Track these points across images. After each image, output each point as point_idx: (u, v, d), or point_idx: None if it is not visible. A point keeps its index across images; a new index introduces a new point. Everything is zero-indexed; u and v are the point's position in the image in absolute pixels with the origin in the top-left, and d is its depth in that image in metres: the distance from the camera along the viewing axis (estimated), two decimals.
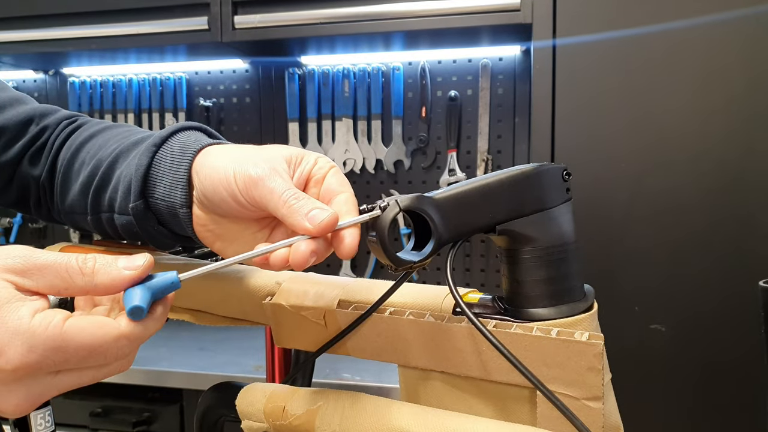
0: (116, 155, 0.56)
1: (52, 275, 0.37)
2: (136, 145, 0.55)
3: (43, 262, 0.37)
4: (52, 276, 0.37)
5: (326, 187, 0.47)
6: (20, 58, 1.94)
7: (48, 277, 0.37)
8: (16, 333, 0.35)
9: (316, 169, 0.48)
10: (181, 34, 1.65)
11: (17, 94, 0.67)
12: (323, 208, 0.43)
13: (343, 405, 0.47)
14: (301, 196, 0.44)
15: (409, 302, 0.48)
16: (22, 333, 0.35)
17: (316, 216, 0.42)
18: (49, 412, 0.64)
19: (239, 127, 2.00)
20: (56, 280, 0.37)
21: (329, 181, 0.47)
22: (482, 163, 1.80)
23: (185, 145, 0.51)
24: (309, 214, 0.42)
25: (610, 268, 1.33)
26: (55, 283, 0.37)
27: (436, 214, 0.43)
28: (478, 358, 0.45)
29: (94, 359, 0.36)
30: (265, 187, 0.44)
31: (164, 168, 0.51)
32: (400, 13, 1.50)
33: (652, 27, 1.29)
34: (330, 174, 0.48)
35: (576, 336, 0.40)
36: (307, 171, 0.48)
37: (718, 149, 1.27)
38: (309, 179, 0.48)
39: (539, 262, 0.44)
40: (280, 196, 0.44)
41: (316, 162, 0.48)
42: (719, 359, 1.28)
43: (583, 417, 0.40)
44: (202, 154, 0.50)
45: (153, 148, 0.52)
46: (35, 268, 0.37)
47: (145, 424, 1.61)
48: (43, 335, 0.35)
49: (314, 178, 0.48)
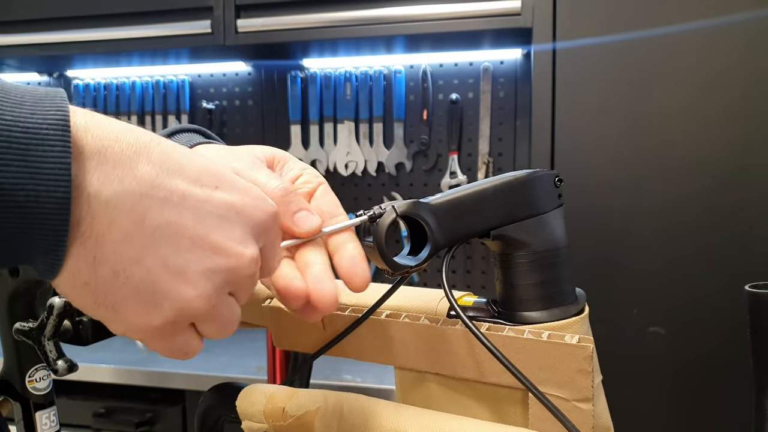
0: None
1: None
2: None
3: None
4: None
5: (316, 207, 0.43)
6: (25, 60, 1.96)
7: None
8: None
9: (301, 182, 0.44)
10: (184, 38, 1.66)
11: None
12: (309, 210, 0.41)
13: (342, 407, 0.48)
14: (291, 189, 0.41)
15: (405, 305, 0.50)
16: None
17: (304, 218, 0.40)
18: (54, 412, 0.65)
19: (241, 130, 2.01)
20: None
21: (320, 201, 0.43)
22: (483, 166, 1.81)
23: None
24: (296, 215, 0.40)
25: (609, 269, 1.34)
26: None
27: (432, 220, 0.44)
28: (473, 360, 0.46)
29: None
30: (248, 179, 0.41)
31: None
32: (402, 17, 1.51)
33: (651, 31, 1.30)
34: (320, 192, 0.44)
35: (567, 339, 0.41)
36: (289, 178, 0.44)
37: (717, 152, 1.28)
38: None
39: (532, 267, 0.45)
40: (263, 186, 0.40)
41: (301, 173, 0.44)
42: (718, 362, 1.29)
43: (574, 418, 0.41)
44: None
45: None
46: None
47: (147, 424, 1.62)
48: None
49: (299, 190, 0.43)
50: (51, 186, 0.27)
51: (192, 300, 0.31)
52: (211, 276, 0.32)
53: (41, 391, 0.65)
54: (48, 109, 0.27)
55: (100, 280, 0.29)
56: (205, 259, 0.31)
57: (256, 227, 0.33)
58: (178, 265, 0.31)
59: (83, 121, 0.29)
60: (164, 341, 0.32)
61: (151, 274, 0.30)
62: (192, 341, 0.33)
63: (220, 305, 0.33)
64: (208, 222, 0.31)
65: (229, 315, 0.34)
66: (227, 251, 0.32)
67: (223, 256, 0.32)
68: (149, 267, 0.30)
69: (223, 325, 0.34)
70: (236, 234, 0.32)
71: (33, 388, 0.64)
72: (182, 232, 0.31)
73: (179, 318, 0.32)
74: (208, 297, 0.32)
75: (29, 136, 0.27)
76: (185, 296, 0.31)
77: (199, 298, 0.31)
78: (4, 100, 0.27)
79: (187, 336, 0.33)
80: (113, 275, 0.29)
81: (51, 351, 0.58)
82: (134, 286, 0.30)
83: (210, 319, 0.33)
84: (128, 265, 0.30)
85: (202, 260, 0.31)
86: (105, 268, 0.29)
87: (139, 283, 0.30)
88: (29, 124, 0.27)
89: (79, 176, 0.28)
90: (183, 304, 0.31)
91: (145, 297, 0.30)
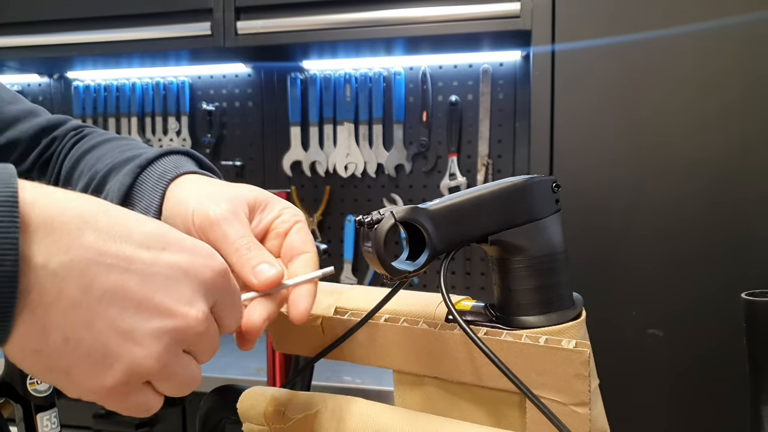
0: (109, 169, 0.56)
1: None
2: (127, 162, 0.55)
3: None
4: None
5: (288, 243, 0.46)
6: (25, 62, 1.96)
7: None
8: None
9: (279, 222, 0.47)
10: (184, 40, 1.67)
11: (31, 106, 0.67)
12: (271, 264, 0.42)
13: (341, 409, 0.48)
14: (253, 246, 0.43)
15: (404, 310, 0.50)
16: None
17: (263, 271, 0.42)
18: (55, 414, 0.66)
19: (241, 131, 2.02)
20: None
21: (292, 238, 0.46)
22: (483, 168, 1.81)
23: (165, 171, 0.51)
24: (256, 268, 0.42)
25: (607, 272, 1.34)
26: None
27: (431, 225, 0.44)
28: (471, 364, 0.46)
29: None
30: (220, 230, 0.43)
31: (143, 191, 0.51)
32: (402, 20, 1.52)
33: (649, 33, 1.30)
34: (294, 230, 0.46)
35: (563, 344, 0.42)
36: (268, 220, 0.47)
37: (715, 152, 1.29)
38: (269, 230, 0.47)
39: (529, 272, 0.45)
40: (233, 242, 0.43)
41: (280, 214, 0.47)
42: (716, 364, 1.29)
43: (570, 422, 0.41)
44: (176, 183, 0.50)
45: (137, 169, 0.52)
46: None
47: (147, 426, 1.62)
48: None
49: (275, 230, 0.47)
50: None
51: (142, 360, 0.32)
52: (160, 336, 0.32)
53: (42, 393, 0.65)
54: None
55: (52, 346, 0.30)
56: (151, 320, 0.32)
57: (203, 285, 0.34)
58: (126, 326, 0.31)
59: (31, 195, 0.30)
60: (119, 401, 0.33)
61: (101, 336, 0.31)
62: (149, 400, 0.34)
63: (172, 364, 0.33)
64: (155, 283, 0.32)
65: (185, 374, 0.34)
66: (173, 312, 0.33)
67: (170, 317, 0.33)
68: (99, 330, 0.31)
69: (179, 384, 0.34)
70: (183, 294, 0.33)
71: (34, 390, 0.65)
72: (129, 295, 0.31)
73: (131, 378, 0.32)
74: (158, 356, 0.32)
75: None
76: (135, 356, 0.32)
77: (148, 357, 0.32)
78: None
79: (144, 395, 0.34)
80: (63, 341, 0.30)
81: None
82: (85, 349, 0.31)
83: (164, 378, 0.34)
84: (78, 330, 0.30)
85: (149, 321, 0.32)
86: (55, 334, 0.30)
87: (89, 346, 0.31)
88: None
89: (26, 248, 0.29)
90: (133, 364, 0.32)
91: (96, 359, 0.31)
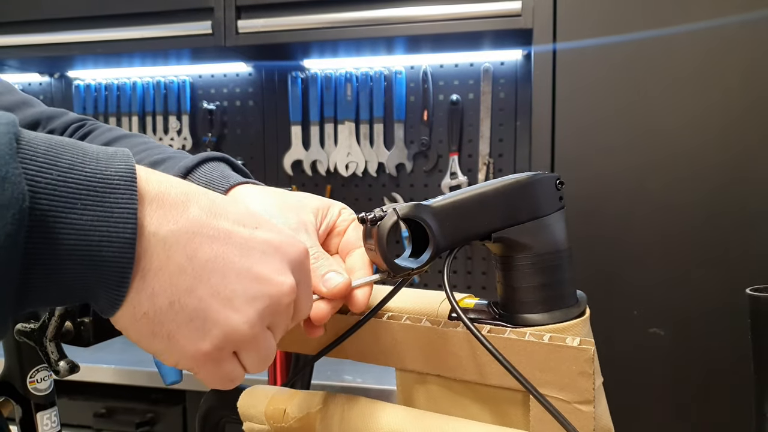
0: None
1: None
2: (157, 165, 0.55)
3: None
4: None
5: (346, 239, 0.51)
6: (26, 61, 1.96)
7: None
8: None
9: (340, 221, 0.51)
10: (185, 38, 1.67)
11: (25, 97, 0.66)
12: (338, 272, 0.45)
13: (342, 408, 0.48)
14: (321, 255, 0.46)
15: (407, 307, 0.50)
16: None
17: (331, 279, 0.45)
18: (55, 413, 0.65)
19: (242, 130, 2.02)
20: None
21: (349, 234, 0.51)
22: (484, 167, 1.81)
23: (212, 179, 0.53)
24: (325, 276, 0.45)
25: (609, 271, 1.34)
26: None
27: (434, 222, 0.44)
28: (474, 362, 0.46)
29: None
30: None
31: None
32: (403, 18, 1.52)
33: (650, 32, 1.30)
34: (351, 227, 0.51)
35: (567, 341, 0.41)
36: (332, 222, 0.51)
37: (717, 152, 1.28)
38: (333, 229, 0.51)
39: (533, 269, 0.45)
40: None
41: (340, 213, 0.52)
42: (718, 363, 1.29)
43: (575, 420, 0.41)
44: (230, 195, 0.51)
45: (180, 176, 0.52)
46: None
47: (148, 425, 1.62)
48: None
49: (337, 228, 0.51)
50: (120, 227, 0.31)
51: (238, 325, 0.35)
52: (255, 303, 0.36)
53: (42, 392, 0.65)
54: (119, 164, 0.32)
55: (158, 310, 0.33)
56: (250, 288, 0.35)
57: (291, 261, 0.38)
58: (226, 293, 0.35)
59: (145, 173, 0.34)
60: (212, 367, 0.36)
61: (203, 302, 0.34)
62: (236, 369, 0.37)
63: (260, 335, 0.37)
64: (252, 256, 0.36)
65: (267, 346, 0.38)
66: (269, 280, 0.36)
67: (266, 285, 0.36)
68: (201, 296, 0.34)
69: (262, 356, 0.38)
70: (276, 266, 0.37)
71: (34, 389, 0.65)
72: (230, 265, 0.35)
73: (226, 344, 0.35)
74: (252, 324, 0.36)
75: (104, 185, 0.31)
76: (231, 322, 0.35)
77: (244, 323, 0.35)
78: (84, 157, 0.31)
79: (232, 364, 0.37)
80: (169, 305, 0.33)
81: (52, 352, 0.58)
82: (187, 314, 0.34)
83: (251, 347, 0.37)
84: (182, 296, 0.33)
85: (248, 289, 0.35)
86: (162, 298, 0.33)
87: (191, 311, 0.34)
88: (104, 176, 0.31)
89: (141, 218, 0.32)
90: (229, 330, 0.35)
91: (197, 324, 0.34)
